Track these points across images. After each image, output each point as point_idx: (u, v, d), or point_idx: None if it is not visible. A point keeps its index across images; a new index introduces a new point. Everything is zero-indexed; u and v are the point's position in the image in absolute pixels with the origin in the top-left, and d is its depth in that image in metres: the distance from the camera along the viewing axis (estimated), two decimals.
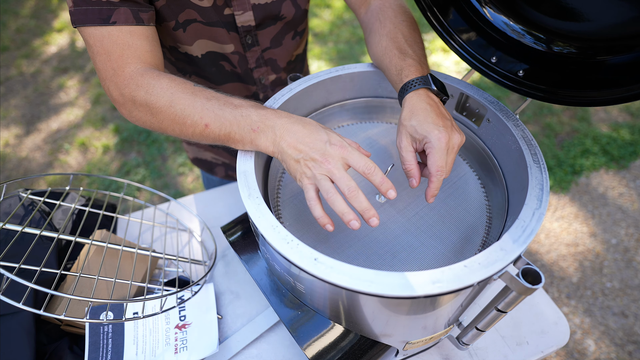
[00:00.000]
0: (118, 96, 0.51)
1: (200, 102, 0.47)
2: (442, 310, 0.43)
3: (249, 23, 0.65)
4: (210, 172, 0.95)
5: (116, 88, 0.50)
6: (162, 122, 0.49)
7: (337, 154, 0.43)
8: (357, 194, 0.42)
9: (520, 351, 0.61)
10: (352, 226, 0.42)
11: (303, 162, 0.44)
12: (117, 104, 0.52)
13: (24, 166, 2.00)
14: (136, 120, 0.51)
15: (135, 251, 0.63)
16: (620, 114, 2.09)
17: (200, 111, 0.47)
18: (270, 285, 0.53)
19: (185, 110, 0.47)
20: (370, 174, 0.43)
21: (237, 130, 0.46)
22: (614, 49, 0.46)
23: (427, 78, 0.50)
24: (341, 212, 0.42)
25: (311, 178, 0.43)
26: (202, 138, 0.48)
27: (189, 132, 0.48)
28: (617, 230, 1.63)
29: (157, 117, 0.49)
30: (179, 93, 0.48)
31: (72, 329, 0.60)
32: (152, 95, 0.48)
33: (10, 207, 0.65)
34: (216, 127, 0.47)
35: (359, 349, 0.48)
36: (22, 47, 2.71)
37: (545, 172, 0.45)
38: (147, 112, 0.49)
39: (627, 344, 1.35)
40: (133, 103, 0.50)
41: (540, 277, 0.36)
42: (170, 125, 0.49)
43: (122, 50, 0.51)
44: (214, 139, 0.48)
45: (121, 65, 0.50)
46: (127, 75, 0.50)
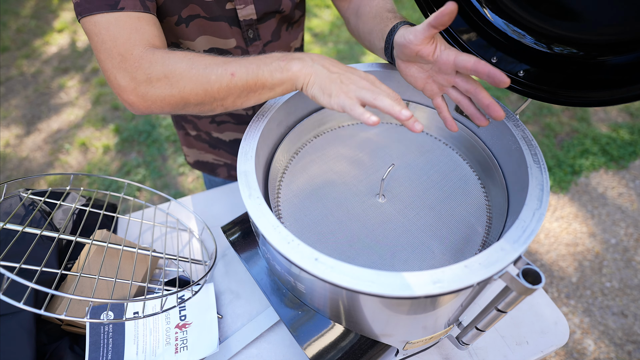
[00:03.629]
0: (129, 82, 0.47)
1: (220, 59, 0.47)
2: (442, 310, 0.43)
3: (250, 17, 0.65)
4: (213, 173, 0.94)
5: (126, 74, 0.47)
6: (184, 88, 0.46)
7: (370, 78, 0.46)
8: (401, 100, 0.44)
9: (520, 351, 0.61)
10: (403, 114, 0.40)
11: (339, 79, 0.44)
12: (126, 92, 0.48)
13: (24, 166, 2.00)
14: (152, 101, 0.48)
15: (135, 251, 0.63)
16: (619, 114, 2.09)
17: (223, 65, 0.46)
18: (271, 285, 0.53)
19: (207, 67, 0.46)
20: (399, 101, 0.44)
21: (266, 69, 0.46)
22: (614, 50, 0.46)
23: (410, 22, 0.53)
24: (390, 105, 0.41)
25: (349, 92, 0.43)
26: (228, 92, 0.47)
27: (215, 90, 0.46)
28: (616, 230, 1.63)
29: (178, 84, 0.46)
30: (196, 57, 0.47)
31: (73, 328, 0.60)
32: (169, 65, 0.46)
33: (11, 207, 0.65)
34: (243, 73, 0.46)
35: (359, 349, 0.48)
36: (23, 48, 2.71)
37: (545, 173, 0.45)
38: (166, 85, 0.47)
39: (626, 343, 1.35)
40: (149, 82, 0.47)
41: (541, 277, 0.36)
42: (194, 89, 0.46)
43: (129, 34, 0.49)
44: (242, 88, 0.46)
45: (129, 49, 0.48)
46: (136, 57, 0.48)
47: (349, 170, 0.59)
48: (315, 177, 0.58)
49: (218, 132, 0.84)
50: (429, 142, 0.63)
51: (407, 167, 0.59)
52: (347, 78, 0.44)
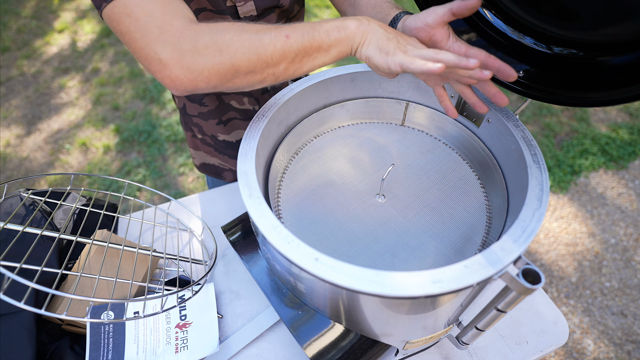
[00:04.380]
0: (172, 53, 0.44)
1: (270, 25, 0.46)
2: (442, 310, 0.43)
3: (250, 13, 0.65)
4: (219, 177, 0.94)
5: (167, 45, 0.44)
6: (236, 53, 0.44)
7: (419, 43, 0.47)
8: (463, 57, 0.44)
9: (519, 350, 0.61)
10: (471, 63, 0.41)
11: (396, 40, 0.45)
12: (169, 65, 0.45)
13: (25, 166, 2.00)
14: (199, 72, 0.45)
15: (136, 251, 0.63)
16: (619, 114, 2.09)
17: (275, 29, 0.45)
18: (271, 285, 0.53)
19: (259, 32, 0.45)
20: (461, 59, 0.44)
21: (321, 28, 0.45)
22: (613, 50, 0.46)
23: (410, 12, 0.53)
24: (457, 58, 0.42)
25: (407, 51, 0.44)
26: (282, 56, 0.45)
27: (268, 53, 0.44)
28: (616, 230, 1.63)
29: (229, 50, 0.44)
30: (245, 24, 0.46)
31: (73, 328, 0.60)
32: (217, 33, 0.44)
33: (12, 207, 0.65)
34: (298, 35, 0.44)
35: (359, 348, 0.48)
36: (23, 48, 2.71)
37: (545, 173, 0.45)
38: (215, 52, 0.44)
39: (625, 343, 1.35)
40: (195, 50, 0.44)
41: (540, 277, 0.36)
42: (246, 53, 0.44)
43: (163, 7, 0.46)
44: (297, 50, 0.45)
45: (167, 21, 0.46)
46: (177, 28, 0.45)
47: (349, 170, 0.59)
48: (315, 177, 0.58)
49: (225, 134, 0.83)
50: (429, 142, 0.63)
51: (407, 167, 0.59)
52: (403, 39, 0.45)
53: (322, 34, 0.45)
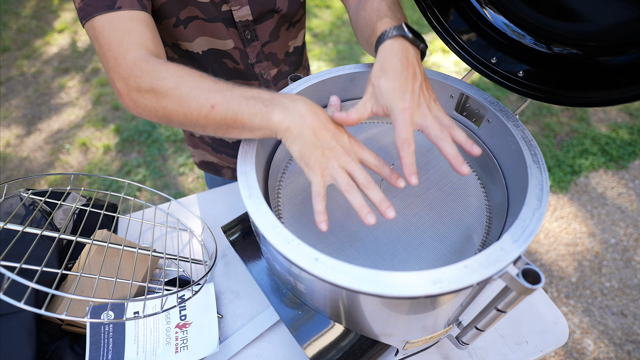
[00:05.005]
0: (122, 87, 0.47)
1: (207, 84, 0.45)
2: (442, 310, 0.43)
3: (246, 18, 0.65)
4: (218, 174, 0.95)
5: (120, 78, 0.47)
6: (167, 106, 0.45)
7: (355, 147, 0.43)
8: (375, 186, 0.42)
9: (519, 350, 0.61)
10: (368, 220, 0.40)
11: (321, 149, 0.42)
12: (121, 96, 0.48)
13: (25, 166, 2.00)
14: (142, 109, 0.48)
15: (135, 251, 0.63)
16: (619, 114, 2.09)
17: (207, 92, 0.44)
18: (271, 285, 0.53)
19: (191, 92, 0.44)
20: (382, 167, 0.44)
21: (246, 110, 0.43)
22: (613, 50, 0.46)
23: (402, 26, 0.47)
24: (360, 206, 0.41)
25: (326, 169, 0.42)
26: (207, 122, 0.45)
27: (194, 117, 0.45)
28: (616, 230, 1.63)
29: (163, 101, 0.46)
30: (186, 76, 0.46)
31: (73, 328, 0.60)
32: (158, 80, 0.46)
33: (12, 207, 0.65)
34: (223, 108, 0.43)
35: (359, 349, 0.48)
36: (23, 48, 2.71)
37: (545, 173, 0.45)
38: (152, 98, 0.46)
39: (625, 343, 1.35)
40: (138, 91, 0.46)
41: (540, 277, 0.36)
42: (175, 110, 0.45)
43: (122, 38, 0.48)
44: (220, 122, 0.44)
45: (122, 53, 0.48)
46: (129, 62, 0.47)
47: None
48: None
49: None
50: (429, 142, 0.63)
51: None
52: (330, 149, 0.42)
53: (245, 116, 0.43)
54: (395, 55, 0.45)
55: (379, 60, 0.46)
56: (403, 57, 0.45)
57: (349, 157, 0.42)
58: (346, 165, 0.42)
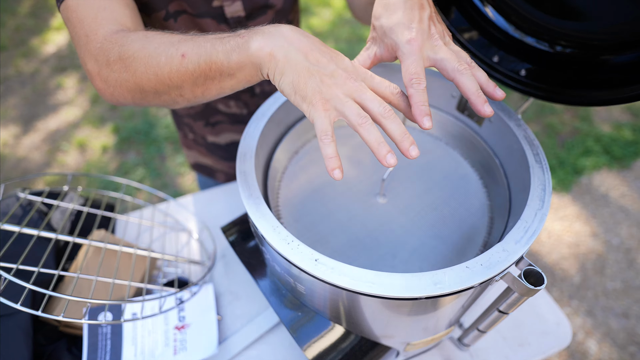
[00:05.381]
0: (92, 66, 0.42)
1: (177, 37, 0.39)
2: (443, 311, 0.43)
3: (238, 14, 0.63)
4: (212, 176, 0.93)
5: (91, 56, 0.42)
6: (136, 71, 0.39)
7: (361, 72, 0.35)
8: (395, 116, 0.34)
9: (521, 352, 0.61)
10: (388, 161, 0.33)
11: (319, 75, 0.33)
12: (92, 77, 0.43)
13: (22, 166, 1.99)
14: (113, 87, 0.42)
15: (134, 251, 0.63)
16: (622, 114, 2.08)
17: (177, 43, 0.38)
18: (270, 286, 0.52)
19: (159, 48, 0.39)
20: (399, 96, 0.36)
21: (221, 48, 0.36)
22: (616, 49, 0.45)
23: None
24: (377, 143, 0.33)
25: (330, 100, 0.33)
26: (180, 78, 0.38)
27: (165, 75, 0.38)
28: (619, 230, 1.63)
29: (131, 67, 0.40)
30: (154, 36, 0.40)
31: (71, 330, 0.60)
32: (125, 46, 0.40)
33: (8, 207, 0.65)
34: (194, 55, 0.37)
35: (360, 350, 0.47)
36: (20, 46, 2.71)
37: (547, 173, 0.45)
38: (121, 68, 0.40)
39: (629, 345, 1.34)
40: (108, 64, 0.41)
41: (543, 278, 0.35)
42: (145, 73, 0.39)
43: (95, 14, 0.44)
44: (194, 73, 0.37)
45: (94, 29, 0.43)
46: (100, 37, 0.42)
47: (349, 171, 0.58)
48: (315, 177, 0.58)
49: (214, 136, 0.82)
50: (430, 142, 0.63)
51: (407, 167, 0.59)
52: (329, 75, 0.34)
53: (220, 56, 0.36)
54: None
55: (378, 1, 0.41)
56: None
57: (357, 82, 0.34)
58: (354, 93, 0.34)
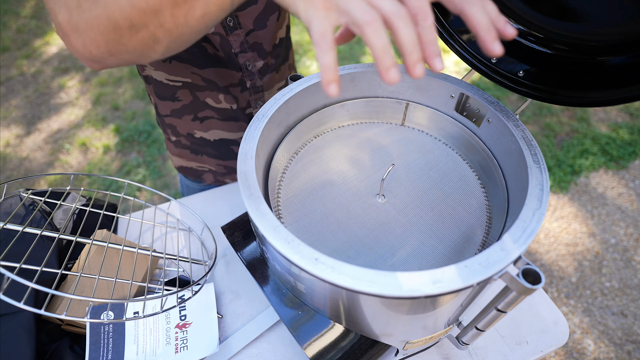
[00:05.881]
0: (64, 14, 0.37)
1: None
2: (442, 310, 0.43)
3: None
4: (199, 179, 0.91)
5: (61, 7, 0.37)
6: (107, 4, 0.35)
7: None
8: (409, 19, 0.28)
9: (519, 351, 0.61)
10: (390, 77, 0.28)
11: None
12: (63, 27, 0.37)
13: (24, 166, 2.00)
14: (84, 30, 0.37)
15: (135, 251, 0.63)
16: (619, 114, 2.09)
17: None
18: (271, 285, 0.53)
19: None
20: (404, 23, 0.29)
21: None
22: (614, 50, 0.46)
23: None
24: (383, 49, 0.28)
25: (329, 9, 0.28)
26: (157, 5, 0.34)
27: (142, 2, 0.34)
28: (616, 230, 1.63)
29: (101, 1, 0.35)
30: None
31: (73, 328, 0.60)
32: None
33: (11, 207, 0.65)
34: None
35: (359, 349, 0.48)
36: (23, 48, 2.71)
37: (545, 173, 0.45)
38: (92, 4, 0.36)
39: (626, 343, 1.35)
40: (78, 6, 0.36)
41: (541, 277, 0.36)
42: (118, 2, 0.35)
43: None
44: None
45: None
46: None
47: (349, 170, 0.59)
48: (315, 177, 0.58)
49: (202, 131, 0.80)
50: (429, 142, 0.63)
51: (407, 167, 0.59)
52: None
53: None
54: None
55: None
56: None
57: None
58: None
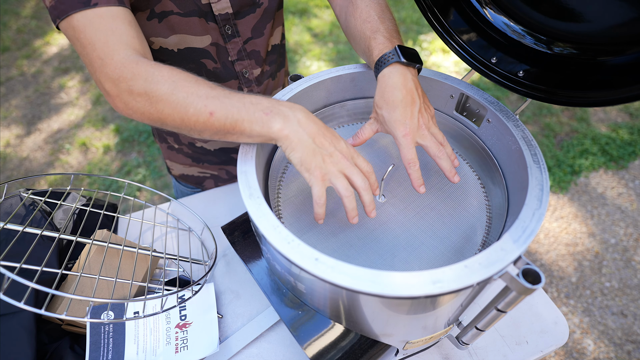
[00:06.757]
0: (111, 88, 0.46)
1: (204, 90, 0.45)
2: (442, 310, 0.43)
3: (226, 11, 0.63)
4: (199, 186, 0.92)
5: (108, 79, 0.46)
6: (163, 111, 0.45)
7: (351, 152, 0.46)
8: (370, 190, 0.46)
9: (519, 350, 0.61)
10: (353, 221, 0.46)
11: (321, 155, 0.43)
12: (110, 96, 0.47)
13: (25, 166, 2.00)
14: (133, 111, 0.47)
15: (136, 251, 0.63)
16: (619, 114, 2.09)
17: (205, 99, 0.44)
18: (271, 285, 0.53)
19: (188, 98, 0.44)
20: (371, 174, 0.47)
21: (246, 117, 0.43)
22: (613, 50, 0.46)
23: (396, 51, 0.50)
24: (352, 209, 0.45)
25: (327, 174, 0.43)
26: (205, 128, 0.45)
27: (192, 122, 0.45)
28: (616, 230, 1.63)
29: (157, 106, 0.45)
30: (181, 81, 0.45)
31: (73, 328, 0.60)
32: (152, 84, 0.45)
33: (12, 207, 0.65)
34: (222, 115, 0.44)
35: (359, 349, 0.48)
36: (23, 48, 2.71)
37: (545, 173, 0.45)
38: (146, 102, 0.45)
39: (625, 343, 1.35)
40: (130, 93, 0.46)
41: (540, 277, 0.36)
42: (171, 115, 0.45)
43: (106, 37, 0.47)
44: (218, 128, 0.44)
45: (109, 54, 0.46)
46: (117, 63, 0.46)
47: None
48: None
49: (202, 142, 0.81)
50: None
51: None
52: (329, 155, 0.44)
53: (245, 124, 0.44)
54: (394, 85, 0.49)
55: (379, 90, 0.51)
56: (402, 85, 0.49)
57: (348, 161, 0.45)
58: (345, 170, 0.44)
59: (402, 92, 0.49)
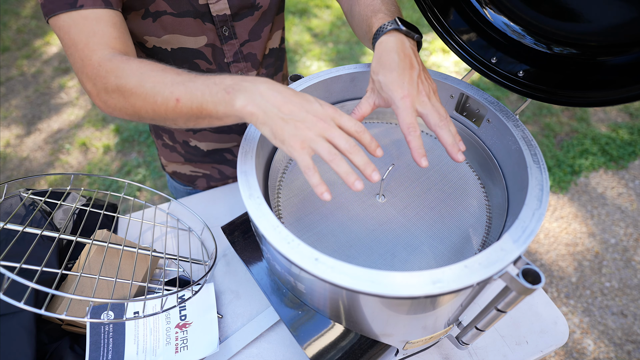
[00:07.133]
0: (91, 88, 0.47)
1: (170, 77, 0.44)
2: (442, 310, 0.43)
3: (224, 12, 0.63)
4: (192, 185, 0.92)
5: (88, 79, 0.47)
6: (135, 104, 0.45)
7: (329, 113, 0.41)
8: (358, 149, 0.40)
9: (519, 350, 0.61)
10: (356, 187, 0.39)
11: (293, 122, 0.39)
12: (92, 96, 0.48)
13: (25, 166, 2.00)
14: (112, 108, 0.48)
15: (136, 251, 0.63)
16: (619, 114, 2.09)
17: (171, 86, 0.43)
18: (271, 285, 0.53)
19: (155, 87, 0.44)
20: (362, 133, 0.42)
21: (210, 98, 0.41)
22: (613, 50, 0.46)
23: (395, 20, 0.48)
24: (346, 173, 0.39)
25: (305, 141, 0.39)
26: (176, 116, 0.44)
27: (162, 112, 0.44)
28: (616, 230, 1.63)
29: (130, 100, 0.45)
30: (148, 72, 0.45)
31: (73, 328, 0.60)
32: (122, 78, 0.45)
33: (12, 206, 0.65)
34: (187, 100, 0.42)
35: (359, 349, 0.48)
36: (23, 48, 2.71)
37: (545, 173, 0.45)
38: (120, 97, 0.46)
39: (625, 343, 1.35)
40: (105, 91, 0.46)
41: (540, 277, 0.36)
42: (143, 107, 0.45)
43: (87, 39, 0.48)
44: (188, 114, 0.43)
45: (88, 55, 0.48)
46: (94, 64, 0.47)
47: None
48: None
49: (197, 141, 0.81)
50: (429, 142, 0.63)
51: (407, 167, 0.59)
52: (301, 121, 0.39)
53: (210, 105, 0.42)
54: (391, 49, 0.47)
55: (376, 56, 0.48)
56: (399, 49, 0.47)
57: (325, 123, 0.40)
58: (324, 132, 0.40)
59: (400, 55, 0.46)
